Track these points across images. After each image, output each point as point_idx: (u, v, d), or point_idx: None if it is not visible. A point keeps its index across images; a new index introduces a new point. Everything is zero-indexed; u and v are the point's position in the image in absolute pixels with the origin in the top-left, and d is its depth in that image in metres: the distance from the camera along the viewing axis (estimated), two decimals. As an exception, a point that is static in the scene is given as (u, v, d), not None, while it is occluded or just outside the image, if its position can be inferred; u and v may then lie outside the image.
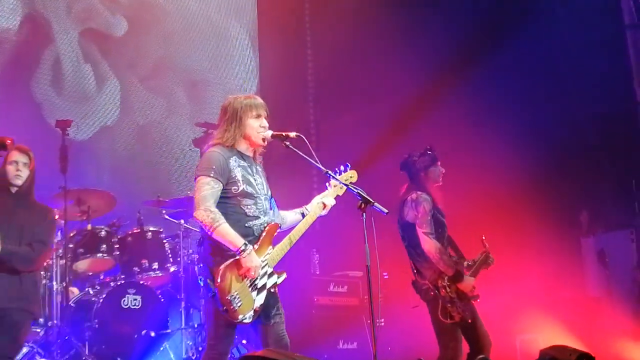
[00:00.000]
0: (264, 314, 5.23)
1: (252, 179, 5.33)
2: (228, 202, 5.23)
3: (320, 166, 5.42)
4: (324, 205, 5.57)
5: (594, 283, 9.67)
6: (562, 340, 6.96)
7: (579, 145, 9.73)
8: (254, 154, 5.46)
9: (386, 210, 5.26)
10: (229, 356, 5.42)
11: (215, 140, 5.38)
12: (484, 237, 7.08)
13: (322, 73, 11.52)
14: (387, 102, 10.42)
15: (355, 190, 5.36)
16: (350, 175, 5.60)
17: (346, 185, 5.48)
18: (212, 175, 5.18)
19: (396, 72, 10.41)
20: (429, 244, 6.69)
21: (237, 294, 5.05)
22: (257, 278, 5.16)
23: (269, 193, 5.47)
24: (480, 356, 5.60)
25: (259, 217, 5.29)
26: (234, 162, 5.28)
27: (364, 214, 5.22)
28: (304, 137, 5.39)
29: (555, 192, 9.75)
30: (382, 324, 8.67)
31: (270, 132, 5.39)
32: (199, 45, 11.02)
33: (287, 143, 5.41)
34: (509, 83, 9.90)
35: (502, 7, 10.10)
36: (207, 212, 5.10)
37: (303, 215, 5.58)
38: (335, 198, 5.63)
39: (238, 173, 5.26)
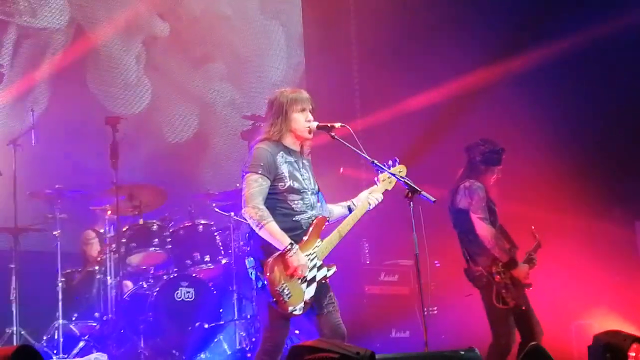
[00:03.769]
0: (316, 304, 5.26)
1: (298, 175, 5.36)
2: (275, 198, 5.26)
3: (366, 156, 5.43)
4: (369, 203, 5.55)
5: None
6: (617, 325, 6.88)
7: (633, 127, 9.58)
8: (301, 148, 5.47)
9: (434, 199, 5.28)
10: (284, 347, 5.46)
11: (263, 136, 5.41)
12: (533, 227, 7.04)
13: (367, 66, 11.49)
14: (433, 94, 10.35)
15: (403, 180, 5.38)
16: (400, 170, 5.58)
17: (392, 174, 5.48)
18: (260, 172, 5.22)
19: (442, 64, 10.34)
20: (484, 230, 6.67)
21: (286, 286, 5.08)
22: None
23: (316, 187, 5.48)
24: (532, 343, 5.57)
25: (306, 212, 5.32)
26: (281, 158, 5.31)
27: (412, 202, 5.26)
28: (349, 127, 5.41)
29: (608, 175, 9.62)
30: (435, 312, 8.68)
31: (315, 123, 5.40)
32: (244, 41, 11.05)
33: (333, 134, 5.44)
34: (555, 71, 9.77)
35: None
36: (255, 209, 5.14)
37: (349, 208, 5.58)
38: (383, 193, 5.62)
39: (285, 169, 5.29)
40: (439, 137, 10.19)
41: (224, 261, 8.42)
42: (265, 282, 5.07)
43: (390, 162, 5.57)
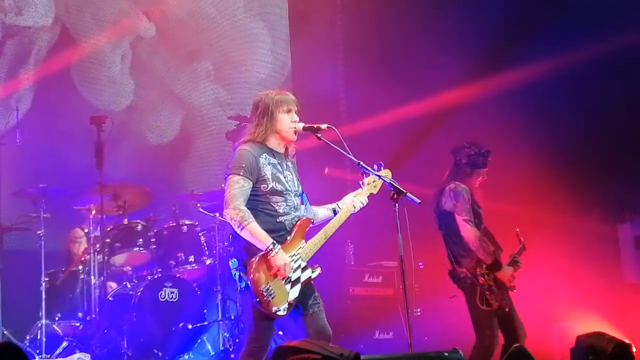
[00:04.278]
0: (301, 304, 5.27)
1: (281, 176, 5.36)
2: (258, 200, 5.27)
3: (352, 157, 5.44)
4: (354, 206, 5.56)
5: (631, 270, 9.59)
6: (599, 327, 6.91)
7: (615, 133, 9.65)
8: (285, 150, 5.48)
9: (419, 201, 5.29)
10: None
11: (247, 137, 5.41)
12: (518, 230, 7.08)
13: (353, 66, 11.50)
14: (420, 98, 10.39)
15: (388, 181, 5.41)
16: (385, 174, 5.60)
17: (378, 175, 5.49)
18: (241, 173, 5.22)
19: (428, 71, 10.37)
20: (468, 231, 6.70)
21: (270, 286, 5.08)
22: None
23: (300, 189, 5.49)
24: (516, 345, 5.60)
25: (290, 213, 5.32)
26: (264, 159, 5.31)
27: (397, 204, 5.27)
28: (335, 129, 5.42)
29: (591, 180, 9.68)
30: (418, 313, 8.69)
31: (301, 124, 5.41)
32: (230, 41, 11.02)
33: (319, 135, 5.44)
34: (539, 80, 9.82)
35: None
36: (236, 210, 5.15)
37: (334, 211, 5.58)
38: (368, 197, 5.63)
39: (268, 171, 5.30)
40: (424, 140, 10.23)
41: (208, 262, 8.42)
42: (249, 283, 5.07)
43: (375, 167, 5.57)
